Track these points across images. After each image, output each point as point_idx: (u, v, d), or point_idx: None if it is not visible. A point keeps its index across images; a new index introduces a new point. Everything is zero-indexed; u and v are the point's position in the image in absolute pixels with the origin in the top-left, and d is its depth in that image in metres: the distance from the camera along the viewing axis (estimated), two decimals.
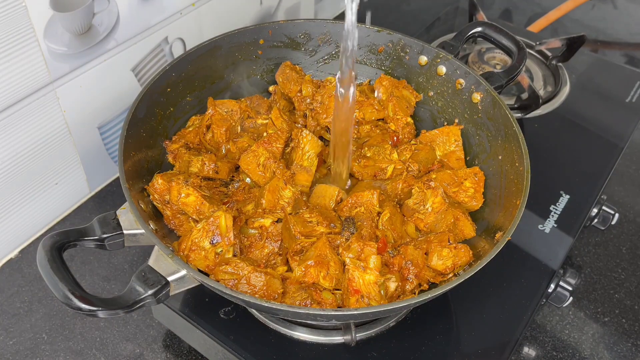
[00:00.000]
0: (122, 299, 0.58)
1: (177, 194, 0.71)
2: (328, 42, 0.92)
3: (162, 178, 0.72)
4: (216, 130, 0.81)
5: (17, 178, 0.82)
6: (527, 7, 1.46)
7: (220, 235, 0.67)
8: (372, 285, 0.64)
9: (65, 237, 0.61)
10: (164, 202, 0.72)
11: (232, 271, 0.65)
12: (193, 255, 0.66)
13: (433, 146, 0.84)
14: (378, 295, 0.64)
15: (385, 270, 0.68)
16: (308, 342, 0.73)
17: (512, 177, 0.74)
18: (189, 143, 0.81)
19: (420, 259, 0.70)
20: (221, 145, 0.81)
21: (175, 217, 0.72)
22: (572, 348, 0.84)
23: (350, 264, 0.65)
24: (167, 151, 0.79)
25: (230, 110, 0.83)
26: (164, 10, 0.90)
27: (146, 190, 0.74)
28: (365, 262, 0.66)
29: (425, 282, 0.70)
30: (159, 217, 0.73)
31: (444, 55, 0.86)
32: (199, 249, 0.67)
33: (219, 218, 0.67)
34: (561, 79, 1.12)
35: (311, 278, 0.65)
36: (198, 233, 0.67)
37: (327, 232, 0.71)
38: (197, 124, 0.83)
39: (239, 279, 0.65)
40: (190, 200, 0.71)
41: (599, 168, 0.96)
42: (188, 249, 0.67)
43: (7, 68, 0.73)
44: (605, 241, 0.97)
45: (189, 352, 0.80)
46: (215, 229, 0.67)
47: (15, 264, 0.87)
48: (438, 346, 0.74)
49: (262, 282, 0.65)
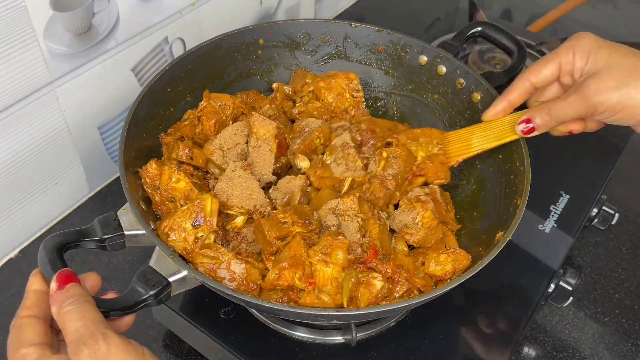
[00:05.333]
0: (123, 300, 0.58)
1: (167, 178, 0.71)
2: (328, 42, 0.92)
3: (155, 163, 0.72)
4: (205, 122, 0.80)
5: (17, 178, 0.82)
6: (527, 7, 1.46)
7: (204, 218, 0.66)
8: (330, 279, 0.62)
9: (66, 238, 0.61)
10: (154, 188, 0.72)
11: (213, 255, 0.64)
12: (173, 235, 0.66)
13: (411, 147, 0.78)
14: (333, 291, 0.62)
15: (369, 270, 0.65)
16: (308, 342, 0.73)
17: (512, 176, 0.74)
18: (184, 136, 0.81)
19: (411, 265, 0.68)
20: (210, 137, 0.80)
21: (163, 203, 0.72)
22: (572, 348, 0.84)
23: (312, 256, 0.63)
24: (162, 144, 0.79)
25: (223, 105, 0.82)
26: (164, 10, 0.90)
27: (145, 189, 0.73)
28: (329, 256, 0.63)
29: (416, 289, 0.68)
30: (157, 218, 0.73)
31: (444, 55, 0.86)
32: (179, 230, 0.66)
33: (205, 201, 0.67)
34: None
35: (286, 281, 0.63)
36: (182, 213, 0.67)
37: (303, 231, 0.68)
38: (192, 117, 0.83)
39: (219, 264, 0.64)
40: (181, 185, 0.71)
41: (599, 168, 0.96)
42: (169, 227, 0.66)
43: (7, 68, 0.73)
44: (605, 241, 0.98)
45: (189, 352, 0.80)
46: (200, 210, 0.66)
47: (15, 264, 0.87)
48: (438, 346, 0.74)
49: (243, 269, 0.64)
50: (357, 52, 0.92)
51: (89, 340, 0.49)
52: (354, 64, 0.92)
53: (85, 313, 0.51)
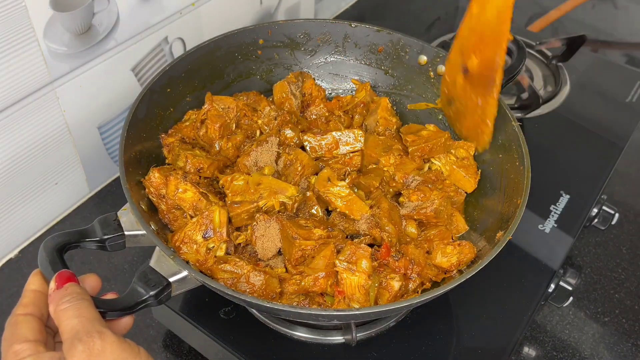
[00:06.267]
0: (124, 300, 0.58)
1: (174, 188, 0.71)
2: (328, 42, 0.92)
3: (158, 172, 0.72)
4: (210, 126, 0.80)
5: (17, 178, 0.82)
6: (527, 7, 1.46)
7: (213, 230, 0.67)
8: (358, 287, 0.64)
9: (66, 238, 0.61)
10: (160, 196, 0.72)
11: (232, 269, 0.65)
12: (185, 248, 0.66)
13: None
14: (362, 298, 0.64)
15: (387, 271, 0.68)
16: (308, 342, 0.73)
17: (512, 176, 0.74)
18: (185, 137, 0.81)
19: (421, 257, 0.69)
20: (214, 141, 0.80)
21: (170, 211, 0.72)
22: (572, 348, 0.84)
23: (339, 265, 0.65)
24: (163, 144, 0.79)
25: (227, 107, 0.82)
26: (164, 10, 0.90)
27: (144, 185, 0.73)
28: (355, 264, 0.65)
29: (427, 280, 0.69)
30: (155, 212, 0.73)
31: (443, 55, 0.86)
32: (191, 242, 0.67)
33: (214, 212, 0.68)
34: (561, 79, 1.12)
35: (320, 288, 0.65)
36: (192, 226, 0.67)
37: (326, 235, 0.70)
38: (193, 118, 0.83)
39: (238, 278, 0.65)
40: (188, 196, 0.71)
41: (599, 168, 0.96)
42: (180, 240, 0.67)
43: (7, 68, 0.73)
44: (605, 241, 0.98)
45: (189, 352, 0.80)
46: (209, 222, 0.67)
47: (15, 264, 0.87)
48: (438, 346, 0.74)
49: (261, 281, 0.65)
50: (356, 52, 0.92)
51: (84, 337, 0.49)
52: (353, 64, 0.92)
53: (82, 311, 0.51)
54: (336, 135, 0.81)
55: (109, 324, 0.56)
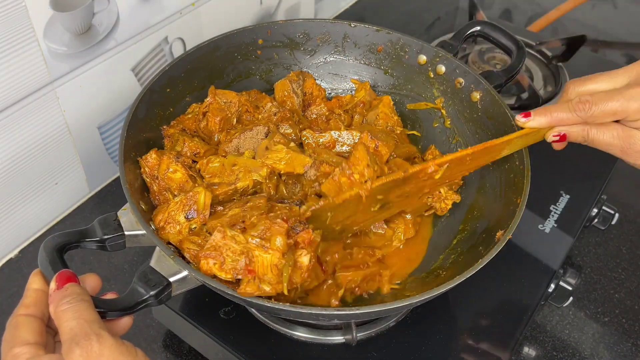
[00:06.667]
0: (124, 300, 0.58)
1: (165, 167, 0.71)
2: (327, 42, 0.92)
3: (155, 153, 0.73)
4: (211, 119, 0.80)
5: (17, 178, 0.82)
6: (527, 7, 1.46)
7: (197, 211, 0.67)
8: (270, 267, 0.60)
9: (66, 238, 0.61)
10: (153, 177, 0.72)
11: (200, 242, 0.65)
12: (168, 228, 0.67)
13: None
14: (275, 279, 0.60)
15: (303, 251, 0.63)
16: (308, 342, 0.73)
17: (512, 175, 0.74)
18: (187, 129, 0.81)
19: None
20: (214, 134, 0.81)
21: (161, 193, 0.72)
22: (572, 348, 0.84)
23: (251, 242, 0.60)
24: (164, 135, 0.79)
25: (229, 102, 0.82)
26: (164, 10, 0.90)
27: (146, 190, 0.73)
28: (268, 241, 0.60)
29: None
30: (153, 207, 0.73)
31: (443, 55, 0.86)
32: (174, 223, 0.67)
33: (198, 194, 0.67)
34: (561, 79, 1.12)
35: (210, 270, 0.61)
36: (175, 205, 0.67)
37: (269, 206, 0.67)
38: (196, 111, 0.83)
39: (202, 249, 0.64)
40: (177, 176, 0.71)
41: (599, 168, 0.96)
42: (164, 221, 0.67)
43: (7, 68, 0.73)
44: (605, 241, 0.98)
45: (189, 352, 0.80)
46: (192, 203, 0.67)
47: (15, 263, 0.87)
48: (438, 346, 0.74)
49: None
50: (356, 52, 0.92)
51: (82, 340, 0.49)
52: (353, 64, 0.93)
53: (81, 312, 0.51)
54: (335, 135, 0.81)
55: (109, 324, 0.56)
